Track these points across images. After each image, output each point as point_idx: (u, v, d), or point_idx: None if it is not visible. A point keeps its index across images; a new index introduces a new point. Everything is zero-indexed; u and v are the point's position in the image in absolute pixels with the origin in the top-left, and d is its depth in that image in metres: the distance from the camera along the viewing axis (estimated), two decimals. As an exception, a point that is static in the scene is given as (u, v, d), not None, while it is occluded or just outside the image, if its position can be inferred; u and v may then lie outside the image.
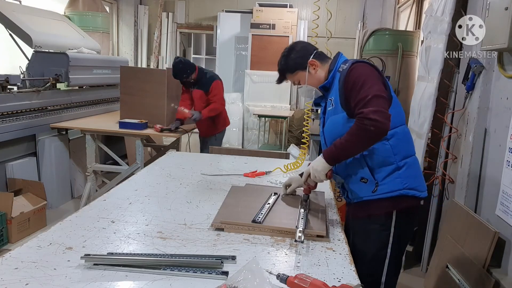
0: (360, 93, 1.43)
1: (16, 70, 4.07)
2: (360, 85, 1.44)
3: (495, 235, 1.97)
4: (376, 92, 1.42)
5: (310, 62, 1.62)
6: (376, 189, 1.52)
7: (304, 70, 1.63)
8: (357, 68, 1.50)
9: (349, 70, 1.50)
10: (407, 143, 1.57)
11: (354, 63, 1.52)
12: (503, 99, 2.14)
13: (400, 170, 1.52)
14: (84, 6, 6.18)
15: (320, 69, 1.64)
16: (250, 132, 7.08)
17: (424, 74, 3.11)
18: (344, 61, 1.61)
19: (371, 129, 1.37)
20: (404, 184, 1.52)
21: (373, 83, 1.45)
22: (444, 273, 2.38)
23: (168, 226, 1.47)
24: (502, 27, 1.95)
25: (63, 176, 4.05)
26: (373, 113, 1.36)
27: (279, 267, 1.21)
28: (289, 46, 1.69)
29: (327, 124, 1.63)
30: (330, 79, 1.60)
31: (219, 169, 2.36)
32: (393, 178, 1.52)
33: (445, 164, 2.92)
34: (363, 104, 1.40)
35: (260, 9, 6.94)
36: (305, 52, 1.64)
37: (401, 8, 6.33)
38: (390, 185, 1.52)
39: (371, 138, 1.42)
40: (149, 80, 3.92)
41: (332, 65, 1.62)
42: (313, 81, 1.65)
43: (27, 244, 1.28)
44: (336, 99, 1.55)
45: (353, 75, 1.48)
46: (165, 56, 8.16)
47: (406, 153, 1.55)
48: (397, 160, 1.52)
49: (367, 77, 1.46)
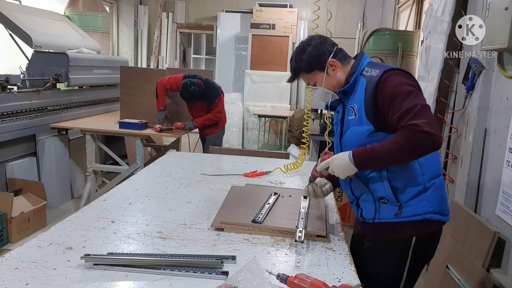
0: (405, 103, 1.25)
1: (16, 70, 4.07)
2: (404, 94, 1.27)
3: (495, 235, 1.97)
4: (424, 102, 1.26)
5: (330, 62, 1.43)
6: (400, 212, 1.36)
7: (322, 71, 1.44)
8: (393, 77, 1.31)
9: (383, 79, 1.31)
10: (436, 161, 1.41)
11: (386, 71, 1.33)
12: (503, 99, 2.14)
13: (427, 192, 1.36)
14: (84, 6, 6.18)
15: (340, 70, 1.45)
16: (250, 132, 7.08)
17: (424, 74, 3.11)
18: (369, 63, 1.43)
19: (425, 143, 1.21)
20: (430, 207, 1.36)
21: (417, 92, 1.29)
22: (444, 273, 2.38)
23: (168, 226, 1.47)
24: (502, 27, 1.95)
25: (63, 176, 4.04)
26: (428, 126, 1.19)
27: (279, 267, 1.21)
28: (306, 41, 1.49)
29: (348, 133, 1.42)
30: (351, 83, 1.41)
31: (219, 169, 2.36)
32: (419, 200, 1.35)
33: (445, 164, 2.92)
34: (412, 115, 1.22)
35: (260, 9, 6.94)
36: (324, 50, 1.44)
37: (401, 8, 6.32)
38: (415, 208, 1.35)
39: (419, 153, 1.27)
40: (149, 80, 3.91)
41: (354, 66, 1.44)
42: (331, 83, 1.46)
43: (27, 244, 1.28)
44: (360, 108, 1.36)
45: (390, 85, 1.30)
46: (165, 56, 8.17)
47: (434, 173, 1.39)
48: (425, 180, 1.35)
49: (409, 86, 1.29)
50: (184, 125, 3.85)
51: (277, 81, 6.85)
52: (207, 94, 3.77)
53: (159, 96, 3.82)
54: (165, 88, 3.82)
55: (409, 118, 1.22)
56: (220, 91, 3.91)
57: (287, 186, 2.06)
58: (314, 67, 1.45)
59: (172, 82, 3.78)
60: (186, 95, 3.68)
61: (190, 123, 3.86)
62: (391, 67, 1.35)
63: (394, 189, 1.35)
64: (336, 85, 1.46)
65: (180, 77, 3.77)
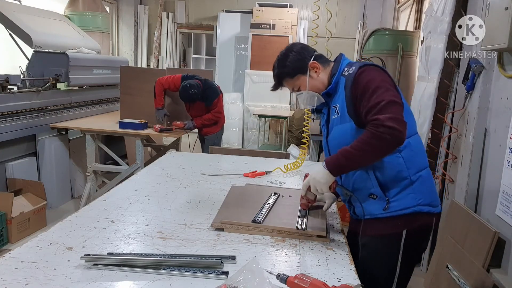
0: (373, 98, 1.30)
1: (16, 70, 4.07)
2: (373, 89, 1.31)
3: (495, 235, 1.97)
4: (391, 97, 1.30)
5: (311, 65, 1.48)
6: (388, 206, 1.39)
7: (305, 74, 1.48)
8: (367, 72, 1.37)
9: (358, 74, 1.37)
10: (420, 154, 1.44)
11: (362, 66, 1.39)
12: (503, 99, 2.14)
13: (414, 184, 1.39)
14: (84, 6, 6.18)
15: (322, 72, 1.50)
16: (250, 132, 7.08)
17: (424, 74, 3.11)
18: (348, 63, 1.48)
19: (387, 138, 1.24)
20: (418, 200, 1.39)
21: (387, 88, 1.32)
22: (444, 273, 2.38)
23: (168, 226, 1.47)
24: (502, 27, 1.95)
25: (63, 176, 4.05)
26: (390, 120, 1.23)
27: (279, 267, 1.21)
28: (285, 49, 1.54)
29: (333, 133, 1.48)
30: (333, 84, 1.46)
31: (219, 169, 2.36)
32: (406, 194, 1.39)
33: (445, 164, 2.92)
34: (377, 110, 1.27)
35: (260, 9, 6.94)
36: (304, 54, 1.50)
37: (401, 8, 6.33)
38: (403, 202, 1.39)
39: (386, 148, 1.29)
40: (149, 80, 3.91)
41: (335, 68, 1.49)
42: (315, 86, 1.50)
43: (27, 244, 1.28)
44: (342, 106, 1.42)
45: (363, 79, 1.35)
46: (165, 56, 8.17)
47: (420, 166, 1.42)
48: (410, 174, 1.38)
49: (380, 82, 1.33)
50: (183, 124, 3.85)
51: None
52: (206, 94, 3.77)
53: (157, 95, 3.82)
54: (163, 87, 3.81)
55: (374, 113, 1.27)
56: (219, 91, 3.90)
57: (287, 186, 2.06)
58: (297, 71, 1.49)
59: (170, 82, 3.78)
60: (185, 98, 3.68)
61: (190, 123, 3.87)
62: (366, 63, 1.41)
63: (381, 185, 1.39)
64: (320, 87, 1.51)
65: (179, 77, 3.77)
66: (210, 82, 3.91)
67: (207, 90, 3.77)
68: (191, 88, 3.60)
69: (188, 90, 3.60)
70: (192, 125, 3.88)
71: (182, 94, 3.65)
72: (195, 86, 3.63)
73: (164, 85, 3.80)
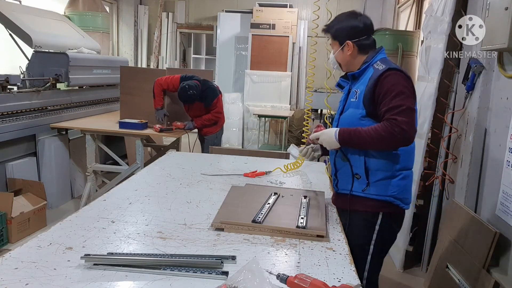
0: (395, 100, 1.46)
1: (16, 70, 4.07)
2: (396, 93, 1.47)
3: (495, 235, 1.97)
4: (411, 104, 1.47)
5: (347, 43, 1.63)
6: (366, 188, 1.59)
7: (340, 45, 1.65)
8: (394, 76, 1.50)
9: (385, 75, 1.50)
10: (410, 157, 1.62)
11: (391, 69, 1.52)
12: (503, 99, 2.14)
13: (394, 179, 1.57)
14: (84, 6, 6.18)
15: (354, 55, 1.64)
16: (250, 132, 7.08)
17: (424, 74, 3.11)
18: (382, 59, 1.60)
19: (398, 138, 1.43)
20: (392, 192, 1.58)
21: (408, 95, 1.49)
22: (444, 273, 2.38)
23: (168, 226, 1.47)
24: (502, 27, 1.95)
25: (63, 176, 4.04)
26: (406, 124, 1.42)
27: (279, 267, 1.21)
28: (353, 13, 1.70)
29: (346, 113, 1.64)
30: (361, 70, 1.62)
31: (219, 169, 2.36)
32: (385, 183, 1.57)
33: (445, 164, 2.92)
34: (397, 112, 1.44)
35: (260, 9, 6.94)
36: (352, 31, 1.63)
37: (401, 8, 6.33)
38: (379, 189, 1.58)
39: (392, 146, 1.50)
40: (149, 80, 3.91)
41: (369, 57, 1.63)
42: (341, 59, 1.68)
43: (27, 244, 1.28)
44: (361, 93, 1.56)
45: (389, 82, 1.49)
46: (165, 56, 8.17)
47: (406, 165, 1.60)
48: (395, 169, 1.57)
49: (404, 88, 1.49)
50: (183, 125, 3.86)
51: (277, 81, 6.85)
52: (204, 95, 3.76)
53: (156, 95, 3.82)
54: (162, 87, 3.80)
55: (394, 113, 1.45)
56: (218, 92, 3.89)
57: (287, 186, 2.06)
58: (336, 37, 1.67)
59: (169, 82, 3.77)
60: (184, 99, 3.67)
61: (190, 124, 3.87)
62: (396, 67, 1.54)
63: (367, 169, 1.58)
64: (345, 63, 1.68)
65: (177, 78, 3.75)
66: (209, 83, 3.90)
67: (206, 91, 3.76)
68: (189, 89, 3.59)
69: (186, 91, 3.59)
70: (192, 125, 3.89)
71: (180, 96, 3.64)
72: (193, 87, 3.62)
73: (163, 86, 3.79)
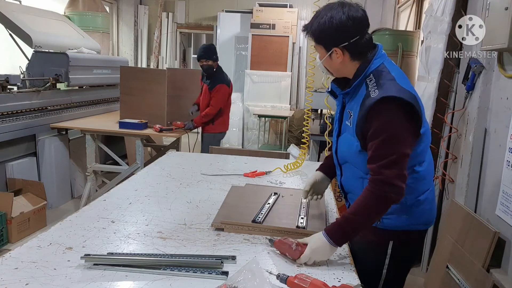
0: (384, 147, 1.21)
1: (16, 70, 4.07)
2: (386, 137, 1.21)
3: (495, 235, 1.97)
4: (403, 150, 1.21)
5: (335, 49, 1.32)
6: (379, 222, 1.38)
7: (326, 51, 1.35)
8: (387, 112, 1.22)
9: (377, 110, 1.22)
10: (425, 180, 1.38)
11: (384, 100, 1.21)
12: (503, 99, 2.14)
13: (410, 208, 1.36)
14: (84, 6, 6.18)
15: (346, 61, 1.34)
16: (250, 132, 7.08)
17: (424, 74, 3.11)
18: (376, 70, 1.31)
19: (392, 197, 1.20)
20: (411, 221, 1.38)
21: (402, 138, 1.22)
22: (444, 273, 2.38)
23: (168, 226, 1.47)
24: (502, 27, 1.95)
25: (63, 176, 4.04)
26: (397, 178, 1.19)
27: (279, 267, 1.21)
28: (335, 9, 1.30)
29: (343, 138, 1.43)
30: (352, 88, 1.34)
31: (219, 169, 2.36)
32: (399, 215, 1.37)
33: (445, 164, 2.92)
34: (385, 163, 1.20)
35: (260, 9, 6.94)
36: (339, 34, 1.30)
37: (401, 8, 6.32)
38: (395, 221, 1.37)
39: (389, 206, 1.24)
40: (149, 80, 3.92)
41: (361, 68, 1.32)
42: (330, 66, 1.39)
43: (27, 244, 1.28)
44: (354, 119, 1.31)
45: (380, 120, 1.22)
46: (165, 56, 8.17)
47: (421, 191, 1.37)
48: (408, 200, 1.33)
49: (398, 130, 1.21)
50: (183, 124, 3.87)
51: (277, 81, 6.85)
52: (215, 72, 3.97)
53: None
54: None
55: (381, 165, 1.21)
56: (226, 82, 4.02)
57: (287, 186, 2.05)
58: (320, 41, 1.35)
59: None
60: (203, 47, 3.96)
61: (190, 123, 3.89)
62: (390, 95, 1.21)
63: None
64: (334, 69, 1.40)
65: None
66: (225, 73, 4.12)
67: (217, 72, 3.98)
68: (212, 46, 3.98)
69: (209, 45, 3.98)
70: (192, 125, 3.90)
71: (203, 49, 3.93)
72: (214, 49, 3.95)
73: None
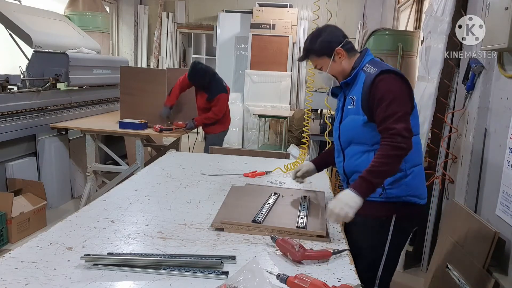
0: (390, 108, 1.42)
1: (16, 70, 4.07)
2: (391, 100, 1.43)
3: (495, 235, 1.97)
4: (406, 109, 1.45)
5: (337, 51, 1.57)
6: (383, 192, 1.53)
7: (330, 57, 1.58)
8: (387, 80, 1.47)
9: (378, 80, 1.47)
10: (417, 153, 1.58)
11: (383, 72, 1.48)
12: (503, 99, 2.14)
13: (407, 178, 1.54)
14: (84, 6, 6.18)
15: (346, 60, 1.59)
16: (250, 132, 7.08)
17: (424, 74, 3.11)
18: (371, 60, 1.57)
19: (404, 146, 1.40)
20: (408, 191, 1.55)
21: (403, 99, 1.46)
22: (444, 273, 2.38)
23: (168, 226, 1.47)
24: (502, 27, 1.95)
25: (63, 176, 4.04)
26: (406, 131, 1.40)
27: (279, 267, 1.21)
28: (322, 27, 1.63)
29: (347, 120, 1.60)
30: (353, 76, 1.57)
31: (219, 169, 2.36)
32: (399, 184, 1.54)
33: (445, 164, 2.92)
34: (394, 120, 1.41)
35: (260, 9, 6.94)
36: (334, 38, 1.58)
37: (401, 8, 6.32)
38: (396, 191, 1.54)
39: (403, 156, 1.43)
40: (149, 80, 3.92)
41: (357, 61, 1.59)
42: (336, 70, 1.61)
43: (27, 244, 1.28)
44: (358, 100, 1.53)
45: (382, 88, 1.46)
46: (165, 56, 8.17)
47: (415, 162, 1.57)
48: (406, 168, 1.53)
49: (398, 93, 1.46)
50: (184, 124, 3.86)
51: (277, 81, 6.85)
52: (210, 86, 3.83)
53: (171, 92, 3.89)
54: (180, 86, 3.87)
55: (391, 122, 1.42)
56: (224, 90, 3.93)
57: (287, 186, 2.05)
58: (324, 52, 1.59)
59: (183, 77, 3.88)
60: (193, 73, 3.75)
61: (191, 122, 3.88)
62: (387, 68, 1.49)
63: None
64: (339, 72, 1.61)
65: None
66: (219, 77, 3.97)
67: (212, 82, 3.83)
68: (199, 64, 3.75)
69: (196, 65, 3.74)
70: (193, 124, 3.88)
71: (190, 69, 3.75)
72: (204, 65, 3.78)
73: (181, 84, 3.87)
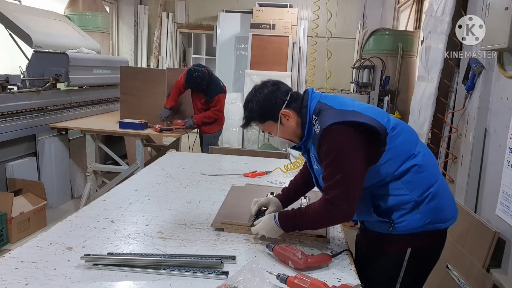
0: (329, 169, 1.26)
1: (16, 70, 4.07)
2: (329, 161, 1.26)
3: (495, 235, 1.97)
4: (347, 170, 1.24)
5: (283, 113, 1.36)
6: (393, 227, 1.32)
7: (276, 122, 1.37)
8: (327, 137, 1.26)
9: (320, 139, 1.27)
10: (428, 173, 1.33)
11: (325, 129, 1.25)
12: (503, 99, 2.14)
13: (420, 206, 1.30)
14: (84, 6, 6.18)
15: (294, 119, 1.37)
16: (250, 132, 7.07)
17: (424, 74, 3.11)
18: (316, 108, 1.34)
19: (335, 215, 1.27)
20: (425, 220, 1.31)
21: (345, 157, 1.24)
22: (444, 273, 2.38)
23: (168, 226, 1.47)
24: (502, 27, 1.95)
25: (63, 176, 4.04)
26: (339, 199, 1.24)
27: (279, 267, 1.21)
28: (258, 88, 1.41)
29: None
30: (306, 135, 1.36)
31: (219, 169, 2.36)
32: (412, 215, 1.31)
33: (445, 164, 2.92)
34: (331, 184, 1.26)
35: (260, 9, 6.94)
36: (276, 99, 1.36)
37: (401, 8, 6.33)
38: (408, 223, 1.31)
39: (334, 222, 1.41)
40: (149, 80, 3.92)
41: (304, 115, 1.36)
42: (287, 133, 1.40)
43: (27, 244, 1.28)
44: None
45: (323, 147, 1.27)
46: (165, 56, 8.17)
47: (427, 184, 1.32)
48: (415, 196, 1.30)
49: (340, 149, 1.24)
50: (183, 122, 3.86)
51: (277, 81, 6.84)
52: (208, 88, 3.84)
53: (170, 94, 3.90)
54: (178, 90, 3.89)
55: (327, 186, 1.28)
56: (222, 90, 3.94)
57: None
58: (267, 117, 1.39)
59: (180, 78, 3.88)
60: (189, 81, 3.78)
61: (190, 121, 3.88)
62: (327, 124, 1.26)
63: (383, 212, 1.33)
64: (292, 134, 1.40)
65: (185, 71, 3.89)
66: (216, 78, 3.98)
67: (210, 85, 3.85)
68: (195, 72, 3.73)
69: (192, 74, 3.73)
70: (192, 122, 3.89)
71: (186, 77, 3.77)
72: (200, 71, 3.76)
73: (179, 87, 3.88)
